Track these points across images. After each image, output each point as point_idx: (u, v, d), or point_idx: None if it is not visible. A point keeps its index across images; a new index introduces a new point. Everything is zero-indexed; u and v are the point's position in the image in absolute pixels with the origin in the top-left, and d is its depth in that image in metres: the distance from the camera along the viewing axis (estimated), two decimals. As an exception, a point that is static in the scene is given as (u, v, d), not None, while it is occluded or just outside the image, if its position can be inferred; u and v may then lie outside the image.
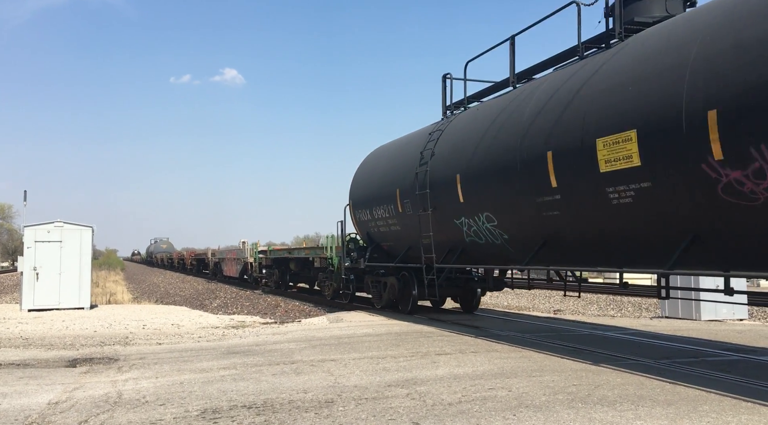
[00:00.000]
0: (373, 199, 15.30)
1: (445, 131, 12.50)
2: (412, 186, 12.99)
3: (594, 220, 8.55)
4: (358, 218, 16.42)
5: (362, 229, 16.42)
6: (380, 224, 15.09)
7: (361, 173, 16.90)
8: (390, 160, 15.07)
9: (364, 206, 15.92)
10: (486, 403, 6.01)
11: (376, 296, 16.02)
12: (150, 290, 34.79)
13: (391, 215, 14.27)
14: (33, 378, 7.65)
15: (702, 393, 6.41)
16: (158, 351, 9.87)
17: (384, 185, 14.72)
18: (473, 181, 10.92)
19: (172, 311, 16.92)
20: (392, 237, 14.73)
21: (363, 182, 16.38)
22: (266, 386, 6.95)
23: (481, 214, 10.83)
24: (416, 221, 12.93)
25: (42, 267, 16.56)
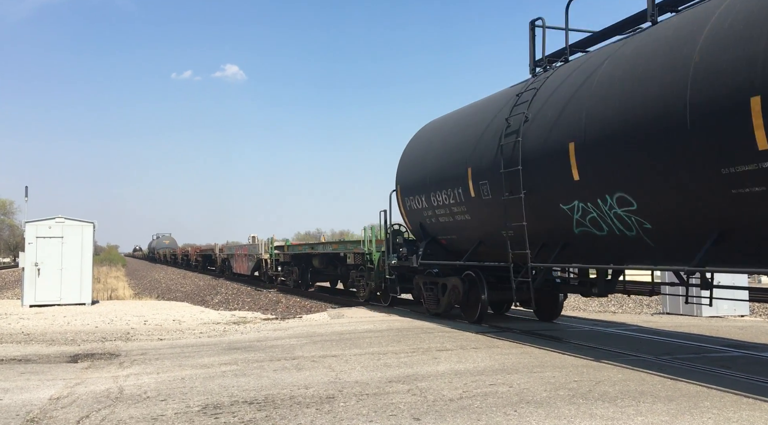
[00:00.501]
0: (430, 183, 12.68)
1: (542, 90, 9.78)
2: (493, 163, 10.34)
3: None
4: (409, 206, 13.87)
5: (413, 219, 13.88)
6: (440, 214, 12.46)
7: (413, 151, 14.17)
8: (455, 133, 12.24)
9: (416, 192, 13.35)
10: (487, 399, 6.02)
11: (431, 301, 13.53)
12: (151, 286, 34.83)
13: (458, 201, 11.61)
14: (34, 373, 7.67)
15: (703, 389, 6.41)
16: (159, 347, 9.88)
17: (447, 164, 12.03)
18: (598, 150, 8.14)
19: (173, 307, 16.95)
20: (456, 229, 12.18)
21: (416, 163, 13.67)
22: (267, 381, 6.96)
23: (609, 195, 8.11)
24: (497, 208, 10.38)
25: (43, 263, 16.59)
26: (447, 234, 12.69)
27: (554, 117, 9.13)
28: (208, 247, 45.67)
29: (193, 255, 51.21)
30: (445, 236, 12.81)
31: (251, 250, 29.78)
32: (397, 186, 14.37)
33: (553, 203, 9.22)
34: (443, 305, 13.09)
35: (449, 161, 12.00)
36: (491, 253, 11.26)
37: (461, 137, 11.84)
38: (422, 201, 13.10)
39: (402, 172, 14.32)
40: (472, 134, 11.46)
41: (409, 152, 14.41)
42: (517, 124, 9.90)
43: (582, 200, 8.63)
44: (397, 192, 14.39)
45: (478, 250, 11.63)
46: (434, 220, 12.84)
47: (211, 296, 24.76)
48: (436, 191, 12.38)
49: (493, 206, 10.59)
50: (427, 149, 13.36)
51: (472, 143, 11.31)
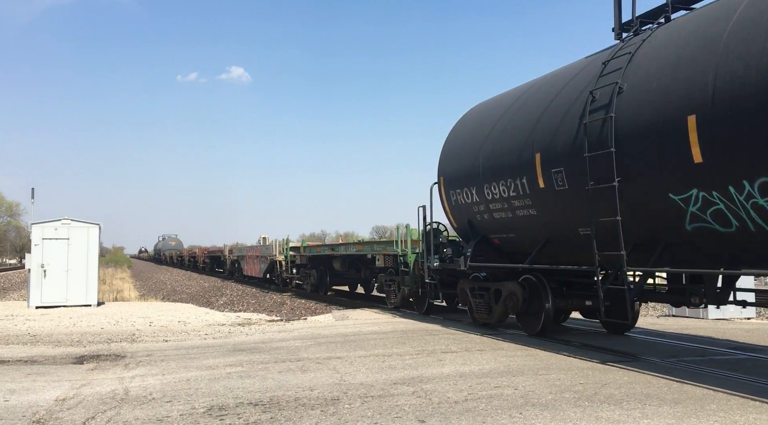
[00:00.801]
0: (483, 173, 11.02)
1: (640, 55, 8.21)
2: (572, 147, 8.76)
3: None
4: (454, 201, 12.18)
5: (460, 216, 12.18)
6: (496, 209, 10.81)
7: (460, 137, 12.41)
8: (517, 114, 10.50)
9: (465, 184, 11.66)
10: (492, 401, 6.00)
11: (482, 309, 11.74)
12: (157, 288, 34.92)
13: (520, 193, 10.02)
14: (40, 374, 7.69)
15: (709, 392, 6.38)
16: (165, 348, 9.90)
17: (506, 151, 10.39)
18: (733, 123, 6.59)
19: (178, 309, 16.99)
20: (516, 226, 10.56)
21: (464, 151, 11.92)
22: (272, 383, 6.96)
23: (747, 181, 6.57)
24: (576, 201, 8.87)
25: (49, 264, 16.65)
26: (502, 232, 11.04)
27: (663, 86, 7.52)
28: (217, 248, 44.59)
29: (201, 257, 50.25)
30: (499, 234, 11.17)
31: (263, 251, 28.20)
32: (439, 178, 12.67)
33: (658, 193, 7.63)
34: (496, 314, 11.30)
35: (509, 146, 10.31)
36: (560, 255, 9.91)
37: (525, 118, 10.10)
38: (472, 195, 11.42)
39: (446, 162, 12.52)
40: (539, 114, 9.73)
41: (454, 139, 12.56)
42: (606, 96, 8.28)
43: (704, 187, 7.05)
44: (439, 185, 12.68)
45: (543, 251, 10.03)
46: (487, 216, 11.19)
47: (216, 298, 24.80)
48: (491, 182, 10.73)
49: (570, 198, 8.99)
50: (478, 134, 11.56)
51: (540, 125, 9.60)
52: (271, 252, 26.45)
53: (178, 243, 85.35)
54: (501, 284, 11.15)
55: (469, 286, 12.12)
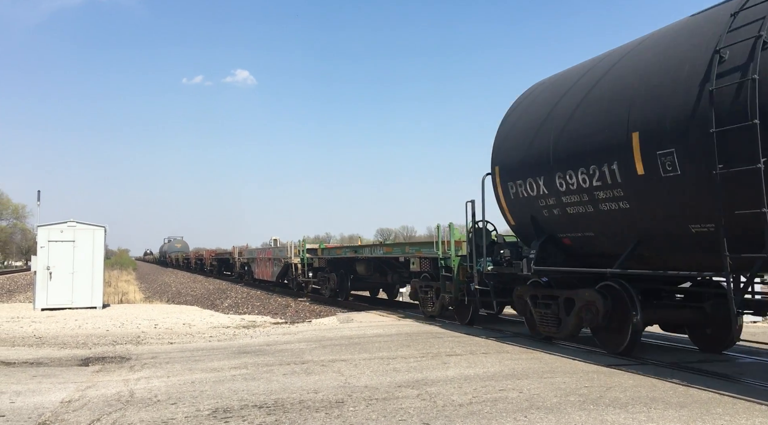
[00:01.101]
0: (555, 159, 9.29)
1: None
2: (691, 121, 7.13)
3: None
4: (513, 194, 10.51)
5: (519, 212, 10.50)
6: (570, 202, 9.13)
7: (522, 118, 10.66)
8: (602, 86, 8.77)
9: (527, 174, 9.97)
10: (497, 404, 6.00)
11: (548, 321, 9.97)
12: (162, 290, 34.99)
13: (608, 182, 8.29)
14: (46, 376, 7.72)
15: (715, 396, 6.36)
16: (170, 351, 9.92)
17: (589, 131, 8.66)
18: None
19: (183, 311, 17.02)
20: (597, 223, 8.86)
21: (526, 135, 10.22)
22: (277, 386, 6.97)
23: None
24: (693, 190, 7.25)
25: (55, 267, 16.71)
26: (576, 231, 9.39)
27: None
28: (225, 251, 43.21)
29: (208, 259, 48.76)
30: (571, 233, 9.51)
31: (277, 253, 26.42)
32: (494, 168, 11.04)
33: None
34: (569, 327, 9.52)
35: (593, 126, 8.61)
36: (654, 258, 8.41)
37: (615, 91, 8.40)
38: (537, 186, 9.73)
39: (503, 148, 10.85)
40: (635, 84, 8.05)
41: (515, 121, 10.83)
42: (741, 55, 6.71)
43: None
44: (494, 176, 11.02)
45: (635, 253, 8.43)
46: (557, 211, 9.51)
47: (221, 301, 24.83)
48: (566, 170, 9.03)
49: (683, 186, 7.35)
50: (547, 114, 9.80)
51: (639, 98, 7.92)
52: (285, 254, 24.85)
53: (183, 245, 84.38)
54: (574, 293, 9.39)
55: (530, 294, 10.36)
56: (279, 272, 26.07)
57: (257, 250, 31.92)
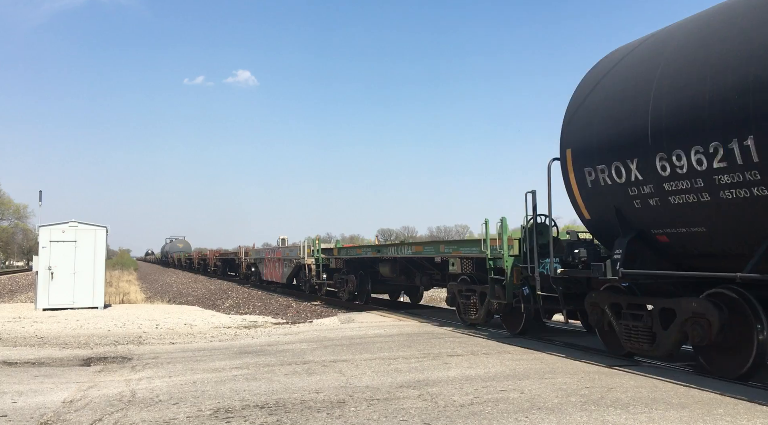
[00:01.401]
0: (653, 136, 7.62)
1: None
2: None
3: None
4: (591, 182, 8.79)
5: (598, 203, 8.80)
6: (676, 189, 7.46)
7: (605, 88, 8.85)
8: (725, 39, 7.02)
9: (613, 156, 8.28)
10: (498, 405, 6.00)
11: (638, 336, 8.31)
12: (163, 290, 35.02)
13: (738, 164, 6.64)
14: (48, 376, 7.73)
15: (716, 397, 6.36)
16: (171, 351, 9.94)
17: (708, 99, 6.95)
18: None
19: (184, 311, 17.04)
20: (714, 215, 7.22)
21: (611, 107, 8.52)
22: (278, 386, 6.98)
23: None
24: None
25: (57, 267, 16.74)
26: (680, 225, 7.73)
27: None
28: (230, 251, 41.80)
29: (212, 259, 46.93)
30: (672, 229, 7.87)
31: (287, 253, 24.72)
32: (563, 152, 9.36)
33: None
34: (667, 344, 7.90)
35: (714, 91, 6.89)
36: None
37: (742, 45, 6.73)
38: (628, 171, 8.03)
39: (577, 126, 9.16)
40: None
41: (595, 92, 9.04)
42: None
43: None
44: (564, 161, 9.34)
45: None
46: (654, 201, 7.86)
47: (222, 301, 24.85)
48: (673, 149, 7.34)
49: None
50: (641, 79, 8.07)
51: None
52: (297, 255, 23.10)
53: (186, 245, 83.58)
54: (674, 302, 7.80)
55: (609, 302, 8.74)
56: (289, 273, 24.52)
57: (265, 250, 30.08)
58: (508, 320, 11.73)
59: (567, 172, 9.31)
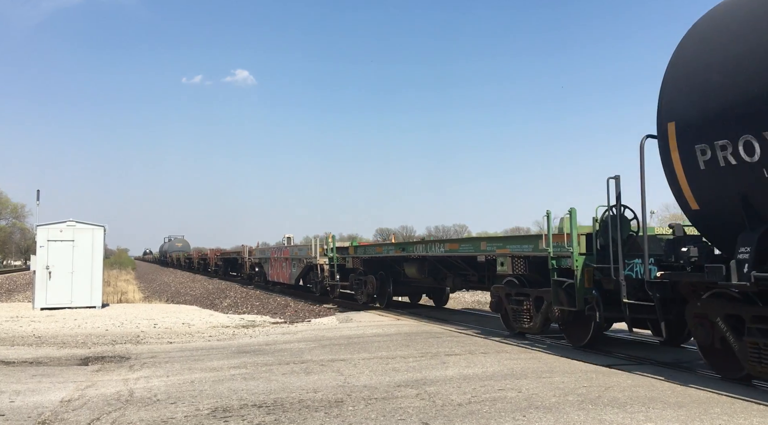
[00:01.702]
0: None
1: None
2: None
3: None
4: (705, 161, 6.96)
5: (715, 188, 6.98)
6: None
7: (724, 44, 7.00)
8: None
9: (736, 129, 6.58)
10: (496, 404, 6.01)
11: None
12: (161, 290, 35.00)
13: None
14: (46, 375, 7.73)
15: (713, 395, 6.37)
16: (169, 350, 9.93)
17: None
18: None
19: (182, 311, 17.03)
20: None
21: (729, 68, 6.80)
22: (276, 385, 6.98)
23: None
24: None
25: (54, 266, 16.72)
26: None
27: None
28: (232, 250, 40.25)
29: (213, 259, 44.82)
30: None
31: (296, 253, 23.26)
32: (663, 127, 7.58)
33: None
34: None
35: None
36: None
37: None
38: (764, 146, 6.32)
39: (683, 94, 7.38)
40: None
41: (709, 50, 7.21)
42: None
43: None
44: (665, 138, 7.53)
45: None
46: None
47: (221, 300, 24.84)
48: None
49: None
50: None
51: None
52: (307, 254, 21.72)
53: (185, 244, 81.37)
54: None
55: (723, 313, 7.10)
56: (298, 274, 23.03)
57: (271, 249, 28.24)
58: (571, 330, 10.12)
59: (668, 151, 7.48)
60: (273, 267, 26.92)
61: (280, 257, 25.82)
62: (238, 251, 36.63)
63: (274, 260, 26.85)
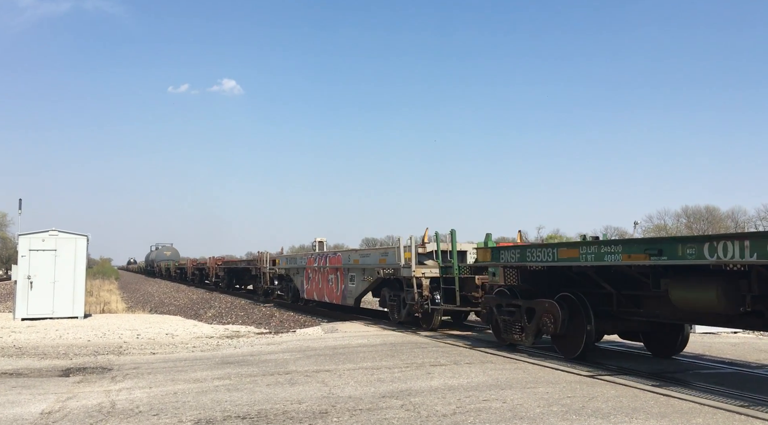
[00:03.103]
0: None
1: None
2: None
3: None
4: None
5: None
6: None
7: None
8: None
9: None
10: (480, 415, 6.02)
11: None
12: (144, 300, 34.66)
13: None
14: (26, 387, 7.62)
15: (695, 406, 6.43)
16: (152, 361, 9.84)
17: None
18: None
19: (166, 321, 16.87)
20: None
21: None
22: (260, 396, 6.94)
23: None
24: None
25: (36, 276, 16.52)
26: None
27: None
28: (248, 258, 33.91)
29: (213, 268, 37.24)
30: None
31: (355, 260, 17.07)
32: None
33: None
34: None
35: None
36: None
37: None
38: None
39: None
40: None
41: None
42: None
43: None
44: None
45: None
46: None
47: (205, 310, 24.65)
48: None
49: None
50: None
51: None
52: (379, 262, 15.34)
53: (174, 253, 75.64)
54: None
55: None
56: (362, 290, 16.75)
57: (308, 256, 21.35)
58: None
59: None
60: (312, 281, 20.83)
61: (325, 267, 19.43)
62: (250, 260, 30.33)
63: (313, 271, 20.63)
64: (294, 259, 23.47)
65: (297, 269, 22.54)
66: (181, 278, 52.43)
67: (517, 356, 9.96)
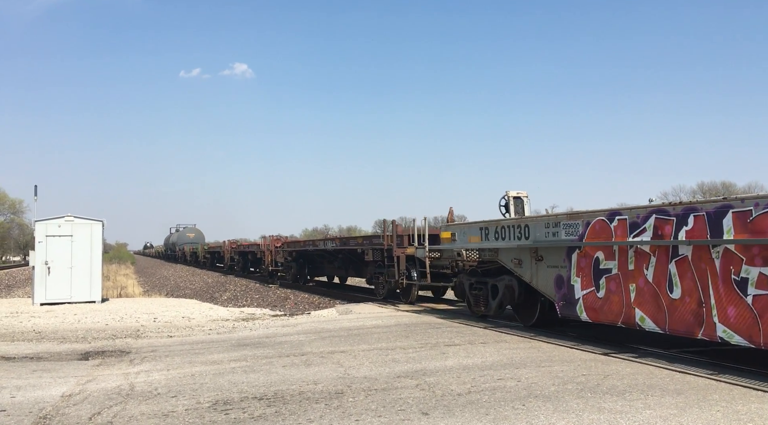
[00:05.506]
0: None
1: None
2: None
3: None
4: None
5: None
6: None
7: None
8: None
9: None
10: (495, 393, 6.03)
11: None
12: (160, 284, 35.01)
13: None
14: (46, 371, 7.74)
15: (712, 382, 6.40)
16: (169, 344, 9.95)
17: None
18: None
19: (182, 304, 17.04)
20: None
21: None
22: (276, 377, 7.00)
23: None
24: None
25: (53, 261, 16.71)
26: None
27: None
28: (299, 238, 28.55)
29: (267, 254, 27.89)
30: None
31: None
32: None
33: None
34: None
35: None
36: None
37: None
38: None
39: None
40: None
41: None
42: None
43: None
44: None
45: None
46: None
47: (220, 293, 24.88)
48: None
49: None
50: None
51: None
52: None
53: (198, 235, 65.16)
54: None
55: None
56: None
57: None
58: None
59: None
60: None
61: None
62: (373, 235, 19.96)
63: None
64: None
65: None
66: (211, 264, 46.56)
67: (531, 335, 9.97)
